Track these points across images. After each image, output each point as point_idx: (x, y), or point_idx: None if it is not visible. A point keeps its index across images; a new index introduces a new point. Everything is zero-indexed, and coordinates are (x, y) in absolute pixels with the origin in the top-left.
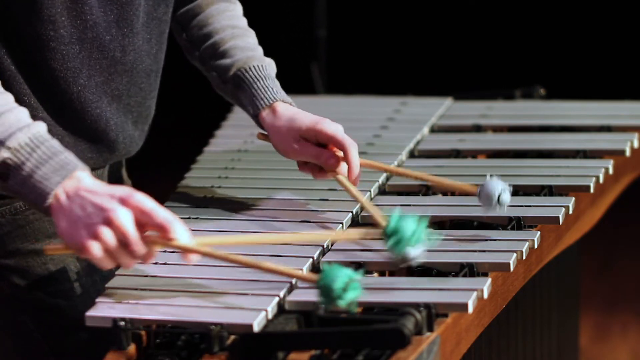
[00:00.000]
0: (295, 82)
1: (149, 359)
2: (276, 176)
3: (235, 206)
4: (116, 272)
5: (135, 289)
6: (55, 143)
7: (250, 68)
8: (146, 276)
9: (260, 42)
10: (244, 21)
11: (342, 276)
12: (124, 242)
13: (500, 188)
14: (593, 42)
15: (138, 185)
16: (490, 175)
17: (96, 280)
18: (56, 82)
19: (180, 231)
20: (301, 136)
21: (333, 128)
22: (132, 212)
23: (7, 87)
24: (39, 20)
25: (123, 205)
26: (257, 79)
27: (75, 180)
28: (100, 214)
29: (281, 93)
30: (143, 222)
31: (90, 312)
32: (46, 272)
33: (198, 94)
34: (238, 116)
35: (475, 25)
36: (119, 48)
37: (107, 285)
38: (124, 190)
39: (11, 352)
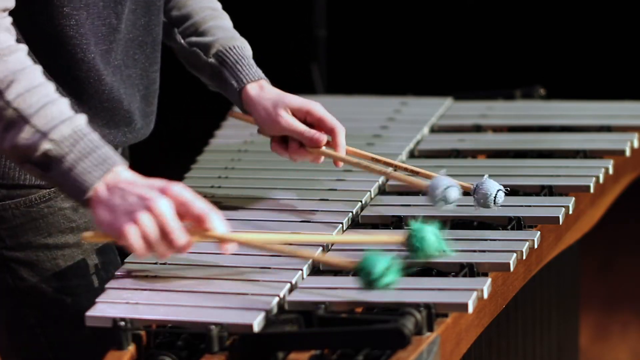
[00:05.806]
0: (295, 82)
1: (149, 359)
2: (276, 176)
3: (235, 206)
4: (116, 272)
5: (136, 289)
6: (95, 137)
7: (233, 47)
8: (146, 276)
9: (261, 42)
10: (219, 4)
11: (382, 261)
12: (163, 230)
13: (495, 188)
14: (593, 43)
15: None
16: (489, 176)
17: (105, 280)
18: (74, 50)
19: (217, 222)
20: (291, 112)
21: (323, 110)
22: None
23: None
24: None
25: (163, 195)
26: (242, 57)
27: (114, 174)
28: (141, 202)
29: (262, 74)
30: (181, 213)
31: (90, 312)
32: (55, 268)
33: (198, 94)
34: None
35: (475, 25)
36: (114, 15)
37: (107, 286)
38: (162, 182)
39: (8, 346)
